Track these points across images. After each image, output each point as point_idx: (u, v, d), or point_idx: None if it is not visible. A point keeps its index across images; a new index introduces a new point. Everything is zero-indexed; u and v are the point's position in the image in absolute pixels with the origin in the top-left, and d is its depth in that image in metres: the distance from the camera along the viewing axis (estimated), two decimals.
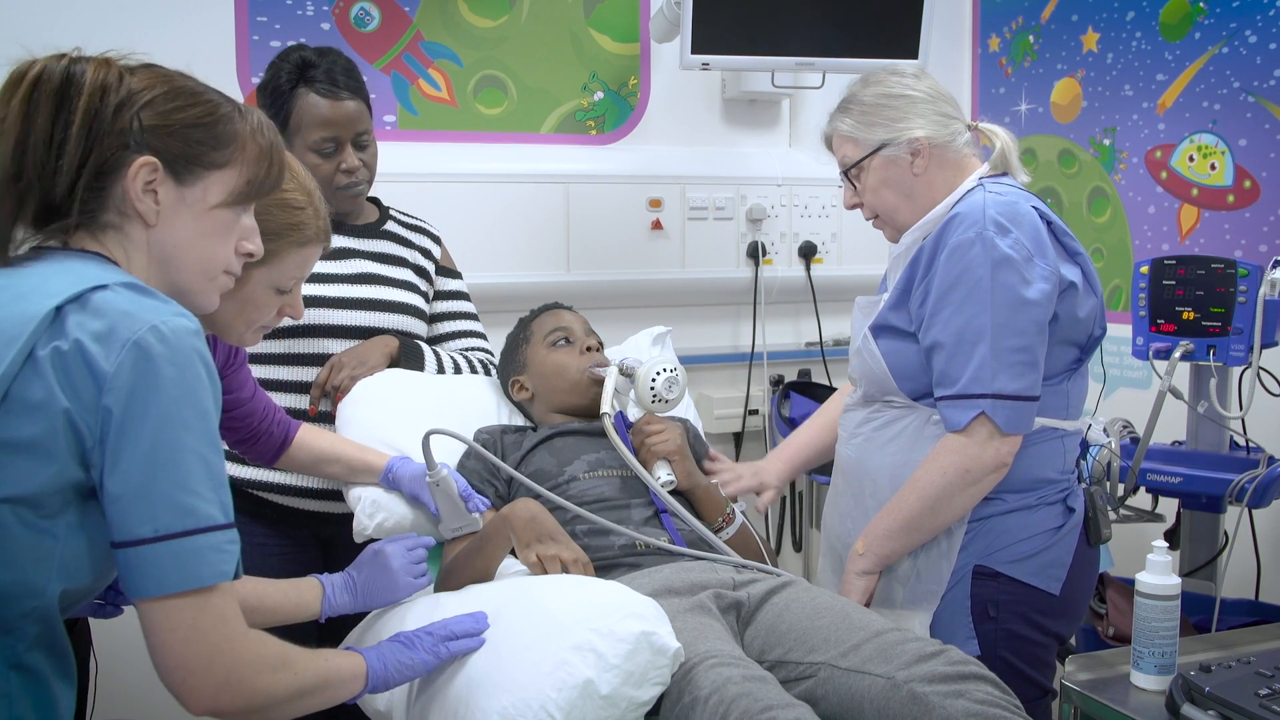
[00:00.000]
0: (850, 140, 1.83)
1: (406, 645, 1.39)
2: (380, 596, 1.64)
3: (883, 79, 1.82)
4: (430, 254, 2.20)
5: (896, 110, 1.78)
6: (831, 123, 1.86)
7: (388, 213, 2.19)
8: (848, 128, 1.82)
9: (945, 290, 1.68)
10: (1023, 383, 1.65)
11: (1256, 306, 2.09)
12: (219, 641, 1.09)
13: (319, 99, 1.96)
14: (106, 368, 1.03)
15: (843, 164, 1.85)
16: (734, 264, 3.03)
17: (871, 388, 1.83)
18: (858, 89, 1.83)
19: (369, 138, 2.03)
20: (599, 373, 2.00)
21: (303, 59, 1.98)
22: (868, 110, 1.80)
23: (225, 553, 1.09)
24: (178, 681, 1.08)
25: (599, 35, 2.92)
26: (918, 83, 1.81)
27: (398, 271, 2.12)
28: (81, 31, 2.48)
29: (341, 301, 2.03)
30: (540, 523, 1.71)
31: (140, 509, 1.05)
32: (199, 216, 1.19)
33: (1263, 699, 1.40)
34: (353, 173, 2.00)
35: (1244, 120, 2.48)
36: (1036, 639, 1.74)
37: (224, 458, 1.14)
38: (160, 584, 1.05)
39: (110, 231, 1.15)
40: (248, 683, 1.11)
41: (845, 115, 1.83)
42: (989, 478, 1.68)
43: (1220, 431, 2.23)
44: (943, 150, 1.79)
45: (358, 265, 2.08)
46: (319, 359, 2.01)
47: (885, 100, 1.79)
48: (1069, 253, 1.74)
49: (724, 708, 1.33)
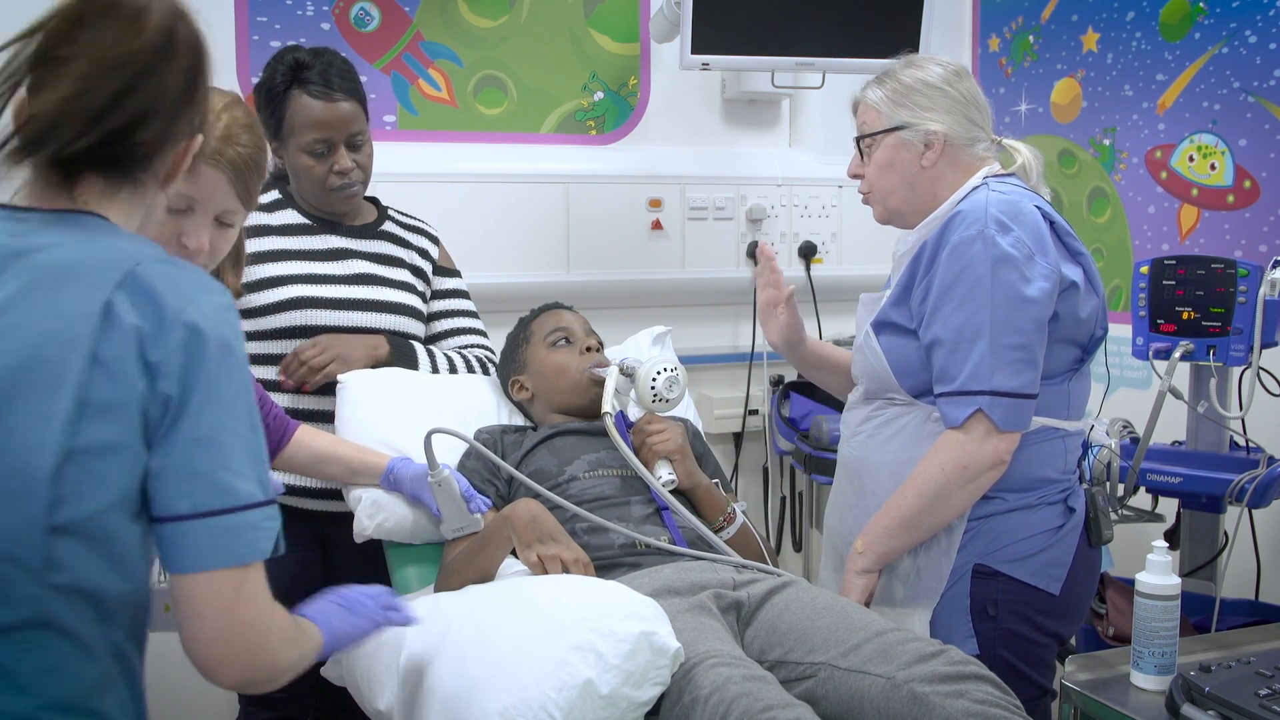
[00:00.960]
0: (874, 110, 1.84)
1: (348, 609, 1.36)
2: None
3: (925, 66, 1.83)
4: (428, 254, 2.20)
5: (927, 99, 1.79)
6: (864, 89, 1.88)
7: (386, 213, 2.19)
8: (875, 99, 1.84)
9: (946, 287, 1.69)
10: (1020, 380, 1.66)
11: (1256, 306, 2.09)
12: (251, 619, 1.10)
13: (312, 100, 1.95)
14: (160, 355, 1.03)
15: (860, 130, 1.87)
16: (734, 264, 3.03)
17: (872, 385, 1.83)
18: (900, 67, 1.85)
19: (363, 139, 2.02)
20: (599, 373, 2.00)
21: (297, 60, 1.98)
22: (900, 90, 1.81)
23: (263, 530, 1.09)
24: (207, 656, 1.09)
25: (599, 35, 2.92)
26: (958, 81, 1.82)
27: (394, 272, 2.12)
28: None
29: (337, 302, 2.03)
30: (541, 523, 1.71)
31: (180, 486, 1.05)
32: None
33: (1263, 699, 1.40)
34: (346, 174, 2.00)
35: (1244, 120, 2.48)
36: (1036, 639, 1.74)
37: (263, 434, 1.14)
38: (196, 560, 1.06)
39: (125, 191, 1.13)
40: (271, 656, 1.13)
41: (879, 86, 1.85)
42: (987, 474, 1.68)
43: (1220, 431, 2.23)
44: (957, 151, 1.79)
45: (354, 266, 2.08)
46: None
47: (920, 86, 1.80)
48: (1071, 252, 1.74)
49: (724, 708, 1.33)
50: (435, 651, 1.48)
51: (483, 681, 1.38)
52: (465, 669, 1.42)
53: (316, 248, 2.06)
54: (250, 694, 2.09)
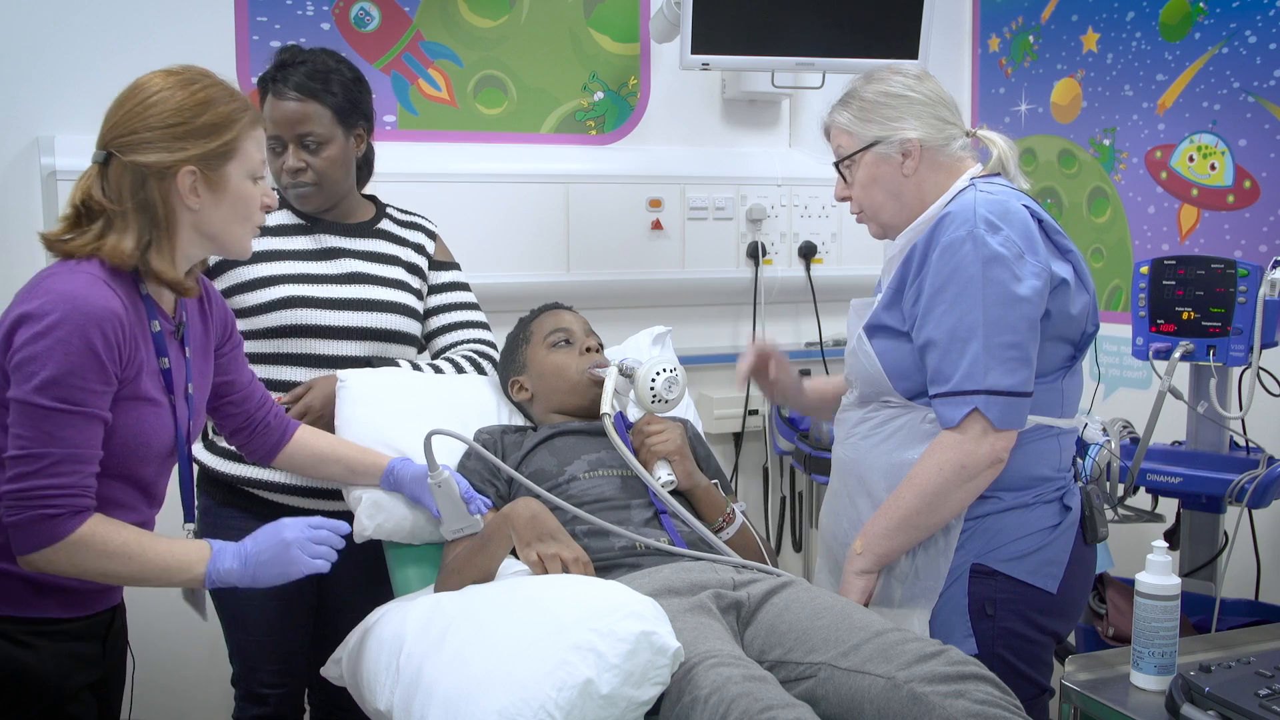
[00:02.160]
0: (846, 133, 1.84)
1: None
2: (270, 569, 1.50)
3: (885, 77, 1.83)
4: (424, 249, 2.19)
5: (893, 109, 1.80)
6: (830, 114, 1.88)
7: (384, 210, 2.18)
8: (845, 121, 1.84)
9: (937, 289, 1.69)
10: (1015, 379, 1.66)
11: (1256, 306, 2.09)
12: None
13: (272, 98, 1.99)
14: None
15: (836, 155, 1.88)
16: (734, 264, 3.03)
17: (867, 388, 1.83)
18: (860, 84, 1.85)
19: (316, 140, 1.99)
20: (598, 373, 2.00)
21: (281, 60, 2.02)
22: (866, 106, 1.82)
23: None
24: None
25: (599, 35, 2.92)
26: (919, 84, 1.82)
27: (388, 270, 2.11)
28: (83, 31, 2.50)
29: (329, 302, 2.02)
30: (541, 522, 1.71)
31: None
32: None
33: (1263, 699, 1.40)
34: (294, 173, 2.00)
35: (1244, 120, 2.48)
36: (1034, 637, 1.74)
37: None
38: None
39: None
40: None
41: (844, 108, 1.85)
42: (985, 473, 1.68)
43: (1220, 431, 2.23)
44: (935, 154, 1.80)
45: (347, 265, 2.07)
46: (306, 359, 2.01)
47: (884, 99, 1.81)
48: (1060, 250, 1.74)
49: (724, 708, 1.33)
50: (435, 651, 1.48)
51: (483, 681, 1.38)
52: (465, 668, 1.42)
53: (308, 247, 2.06)
54: (244, 690, 2.09)
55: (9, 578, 1.44)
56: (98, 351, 1.38)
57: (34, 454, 1.37)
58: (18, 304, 1.41)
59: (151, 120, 1.46)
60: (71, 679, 1.50)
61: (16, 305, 1.41)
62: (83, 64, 2.47)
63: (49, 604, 1.47)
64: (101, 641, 1.57)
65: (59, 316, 1.37)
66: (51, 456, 1.37)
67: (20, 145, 2.45)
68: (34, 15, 2.44)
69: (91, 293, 1.39)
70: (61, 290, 1.39)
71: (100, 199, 1.46)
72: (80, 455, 1.39)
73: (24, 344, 1.37)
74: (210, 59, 2.64)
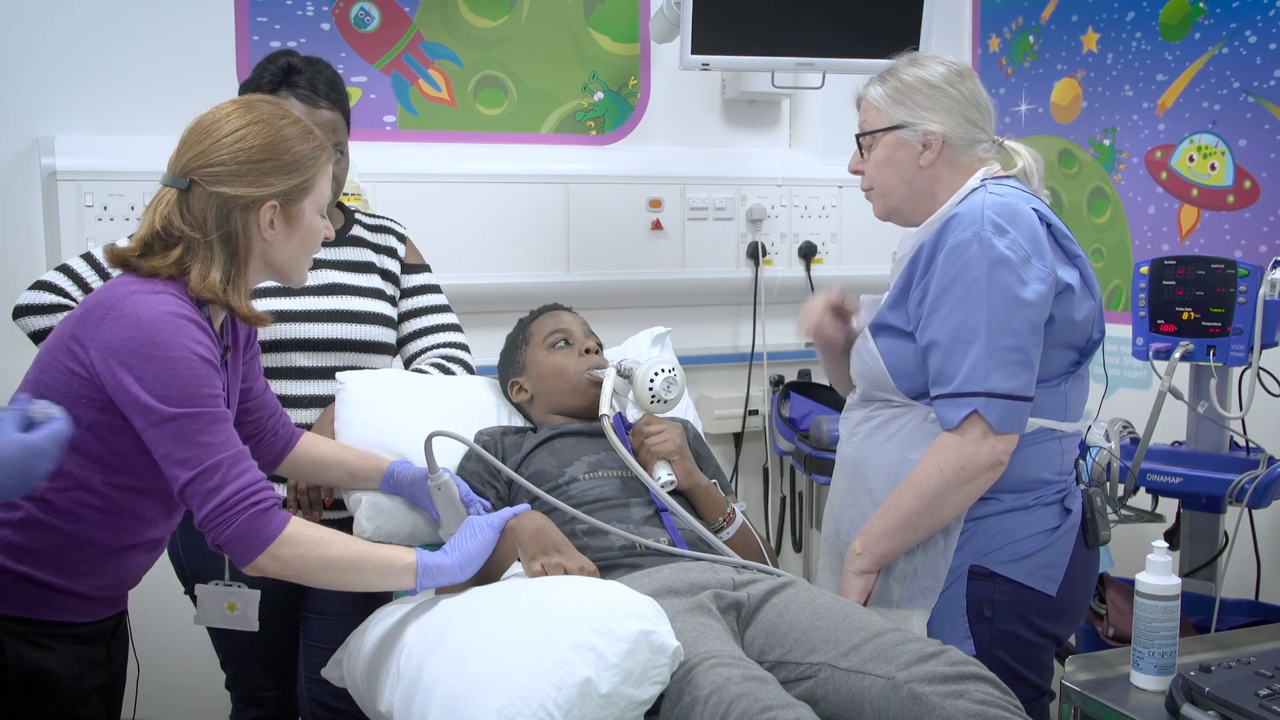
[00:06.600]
0: (874, 109, 1.84)
1: None
2: (477, 562, 1.62)
3: (928, 65, 1.83)
4: (395, 253, 2.17)
5: (926, 99, 1.79)
6: (866, 86, 1.88)
7: (352, 217, 2.15)
8: (876, 97, 1.84)
9: (942, 290, 1.69)
10: (1016, 382, 1.66)
11: (1256, 307, 2.09)
12: None
13: (298, 104, 1.94)
14: None
15: (860, 127, 1.87)
16: (734, 264, 3.03)
17: (870, 387, 1.83)
18: (903, 65, 1.85)
19: (341, 149, 1.99)
20: (597, 374, 2.00)
21: (289, 64, 1.98)
22: (901, 88, 1.81)
23: None
24: None
25: (599, 35, 2.92)
26: (960, 81, 1.82)
27: (365, 279, 2.09)
28: (83, 31, 2.50)
29: (307, 315, 2.00)
30: (546, 534, 1.70)
31: None
32: None
33: (1263, 699, 1.40)
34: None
35: (1244, 120, 2.48)
36: (1033, 640, 1.74)
37: None
38: None
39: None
40: None
41: (880, 84, 1.85)
42: (985, 475, 1.68)
43: (1220, 432, 2.22)
44: (955, 152, 1.79)
45: (323, 276, 2.04)
46: (286, 372, 1.99)
47: (921, 86, 1.80)
48: (1067, 255, 1.74)
49: (724, 708, 1.33)
50: (435, 651, 1.48)
51: (482, 680, 1.38)
52: (465, 668, 1.42)
53: None
54: (240, 694, 2.09)
55: (27, 581, 1.45)
56: (207, 359, 1.43)
57: (207, 467, 1.40)
58: (105, 327, 1.41)
59: (240, 154, 1.49)
60: (84, 681, 1.52)
61: (104, 328, 1.41)
62: (83, 64, 2.47)
63: (66, 608, 1.49)
64: (107, 645, 1.58)
65: (165, 336, 1.41)
66: (223, 461, 1.41)
67: (20, 145, 2.45)
68: (34, 15, 2.44)
69: (183, 311, 1.45)
70: (156, 312, 1.42)
71: (181, 226, 1.48)
72: (242, 453, 1.45)
73: (144, 373, 1.39)
74: (210, 59, 2.67)
